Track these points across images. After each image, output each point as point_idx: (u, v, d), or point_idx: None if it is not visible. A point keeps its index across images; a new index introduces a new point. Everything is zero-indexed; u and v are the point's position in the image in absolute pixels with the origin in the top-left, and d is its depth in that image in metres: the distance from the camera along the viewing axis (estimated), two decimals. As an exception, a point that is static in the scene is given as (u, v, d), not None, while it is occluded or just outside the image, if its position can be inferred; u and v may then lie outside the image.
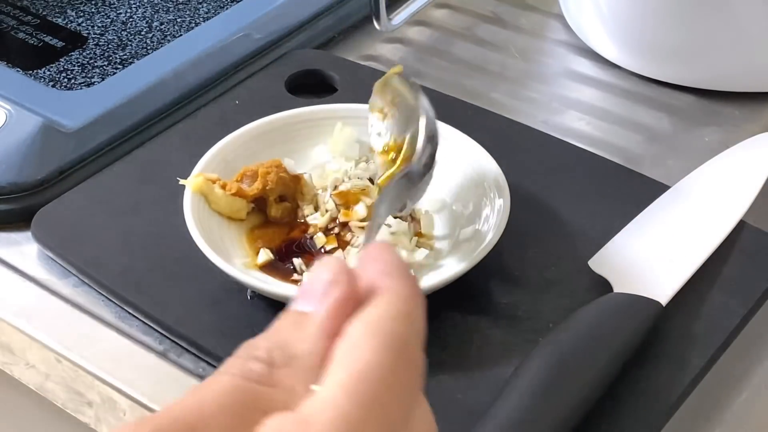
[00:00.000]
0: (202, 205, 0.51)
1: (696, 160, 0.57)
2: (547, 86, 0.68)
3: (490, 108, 0.63)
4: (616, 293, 0.49)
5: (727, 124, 0.64)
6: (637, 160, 0.61)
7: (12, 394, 0.57)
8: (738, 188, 0.55)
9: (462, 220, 0.53)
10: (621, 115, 0.65)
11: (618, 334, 0.46)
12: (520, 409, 0.42)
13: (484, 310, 0.49)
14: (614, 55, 0.69)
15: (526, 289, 0.50)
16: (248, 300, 0.49)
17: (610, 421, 0.44)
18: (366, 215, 0.51)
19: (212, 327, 0.48)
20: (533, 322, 0.48)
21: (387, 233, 0.50)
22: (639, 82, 0.67)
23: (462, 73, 0.69)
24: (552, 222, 0.54)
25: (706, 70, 0.66)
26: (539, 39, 0.72)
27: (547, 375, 0.43)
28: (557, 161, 0.58)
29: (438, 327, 0.48)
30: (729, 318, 0.49)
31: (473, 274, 0.49)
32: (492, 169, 0.53)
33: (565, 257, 0.52)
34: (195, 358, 0.49)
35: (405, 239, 0.50)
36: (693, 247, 0.51)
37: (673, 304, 0.48)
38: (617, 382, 0.45)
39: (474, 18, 0.74)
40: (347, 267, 0.29)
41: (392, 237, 0.50)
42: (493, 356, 0.47)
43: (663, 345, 0.47)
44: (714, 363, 0.48)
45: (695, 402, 0.47)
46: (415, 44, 0.72)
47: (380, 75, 0.51)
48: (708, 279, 0.50)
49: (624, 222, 0.53)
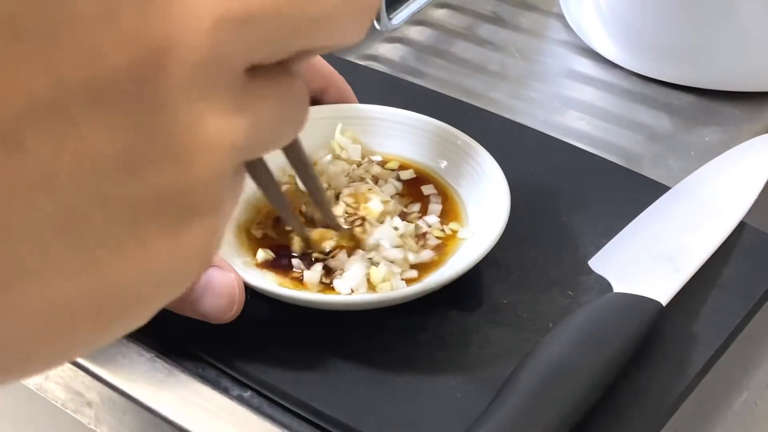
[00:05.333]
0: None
1: (696, 160, 0.57)
2: (547, 86, 0.68)
3: (490, 108, 0.63)
4: (616, 293, 0.49)
5: (727, 124, 0.64)
6: (637, 159, 0.61)
7: (12, 394, 0.57)
8: (739, 189, 0.55)
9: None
10: (621, 115, 0.65)
11: (618, 334, 0.46)
12: (519, 408, 0.42)
13: (484, 310, 0.49)
14: (614, 54, 0.69)
15: (526, 289, 0.50)
16: (247, 299, 0.49)
17: (610, 421, 0.44)
18: (382, 210, 0.51)
19: (212, 327, 0.48)
20: (533, 322, 0.48)
21: (395, 235, 0.50)
22: (639, 81, 0.67)
23: (462, 73, 0.69)
24: (552, 222, 0.54)
25: (707, 70, 0.66)
26: (539, 39, 0.72)
27: (547, 375, 0.43)
28: (557, 161, 0.58)
29: (438, 327, 0.48)
30: (729, 318, 0.49)
31: (473, 274, 0.49)
32: (492, 169, 0.53)
33: (565, 257, 0.52)
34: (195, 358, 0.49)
35: (411, 241, 0.51)
36: (693, 247, 0.51)
37: (673, 304, 0.48)
38: (617, 382, 0.45)
39: (474, 18, 0.74)
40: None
41: (400, 239, 0.50)
42: (493, 356, 0.47)
43: (663, 345, 0.47)
44: (714, 363, 0.48)
45: (695, 402, 0.47)
46: (415, 44, 0.72)
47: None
48: (708, 279, 0.50)
49: (624, 222, 0.53)
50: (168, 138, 0.22)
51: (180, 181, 0.22)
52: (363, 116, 0.56)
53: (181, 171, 0.22)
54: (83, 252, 0.21)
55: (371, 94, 0.59)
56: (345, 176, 0.54)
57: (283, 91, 0.25)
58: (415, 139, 0.56)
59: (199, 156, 0.22)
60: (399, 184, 0.55)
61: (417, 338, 0.48)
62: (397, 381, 0.46)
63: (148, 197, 0.22)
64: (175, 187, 0.22)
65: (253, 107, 0.23)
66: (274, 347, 0.47)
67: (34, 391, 0.53)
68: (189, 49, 0.21)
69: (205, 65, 0.22)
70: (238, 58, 0.22)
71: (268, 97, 0.24)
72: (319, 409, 0.45)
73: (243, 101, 0.23)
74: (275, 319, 0.49)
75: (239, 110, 0.23)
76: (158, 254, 0.22)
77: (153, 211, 0.22)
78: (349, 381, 0.46)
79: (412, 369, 0.46)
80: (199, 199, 0.22)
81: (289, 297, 0.47)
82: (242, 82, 0.23)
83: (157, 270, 0.22)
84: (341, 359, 0.47)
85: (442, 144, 0.55)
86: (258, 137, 0.24)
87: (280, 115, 0.25)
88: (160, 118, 0.21)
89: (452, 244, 0.51)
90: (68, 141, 0.20)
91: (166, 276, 0.23)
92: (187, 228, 0.22)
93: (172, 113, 0.21)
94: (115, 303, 0.22)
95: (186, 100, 0.22)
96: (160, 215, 0.22)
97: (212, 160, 0.22)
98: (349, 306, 0.48)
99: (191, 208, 0.22)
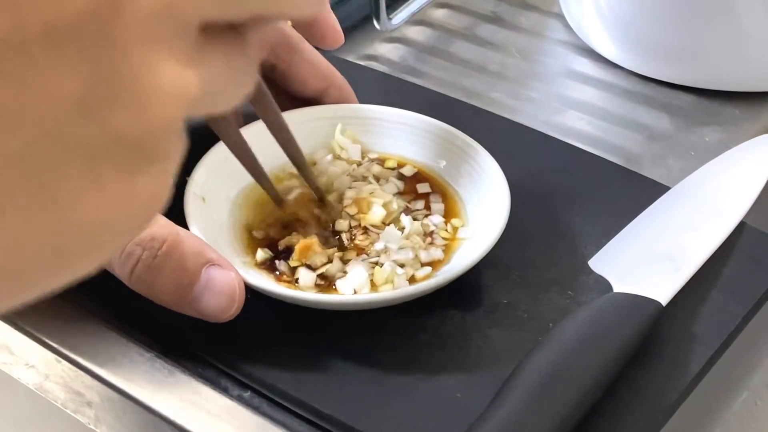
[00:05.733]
0: (201, 205, 0.51)
1: (696, 160, 0.57)
2: (547, 86, 0.68)
3: (490, 108, 0.63)
4: (616, 293, 0.49)
5: (727, 124, 0.64)
6: (637, 159, 0.61)
7: (12, 394, 0.57)
8: (739, 189, 0.55)
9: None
10: (621, 115, 0.65)
11: (618, 334, 0.46)
12: (519, 408, 0.42)
13: (484, 310, 0.49)
14: (614, 54, 0.69)
15: (526, 289, 0.50)
16: (246, 299, 0.49)
17: (610, 421, 0.44)
18: (384, 215, 0.51)
19: (212, 327, 0.48)
20: (533, 322, 0.48)
21: (400, 237, 0.50)
22: (639, 81, 0.67)
23: (462, 73, 0.69)
24: (552, 222, 0.54)
25: (706, 70, 0.66)
26: (539, 39, 0.72)
27: (547, 375, 0.43)
28: (557, 161, 0.58)
29: (438, 327, 0.48)
30: (729, 318, 0.49)
31: (473, 274, 0.49)
32: (492, 169, 0.53)
33: (565, 257, 0.52)
34: (195, 358, 0.49)
35: (419, 239, 0.51)
36: (693, 247, 0.51)
37: (673, 304, 0.48)
38: (617, 382, 0.45)
39: (474, 18, 0.74)
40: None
41: (406, 240, 0.50)
42: (493, 356, 0.47)
43: (663, 345, 0.47)
44: (714, 363, 0.48)
45: (695, 402, 0.47)
46: (415, 44, 0.72)
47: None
48: (708, 279, 0.50)
49: (624, 222, 0.53)
50: (124, 82, 0.22)
51: (135, 125, 0.23)
52: (363, 116, 0.56)
53: (136, 115, 0.23)
54: (43, 192, 0.22)
55: (371, 94, 0.59)
56: (347, 176, 0.54)
57: (234, 54, 0.26)
58: (415, 139, 0.56)
59: (153, 102, 0.23)
60: (401, 183, 0.55)
61: (417, 338, 0.48)
62: (397, 381, 0.46)
63: (105, 140, 0.23)
64: (131, 131, 0.23)
65: (205, 63, 0.24)
66: (274, 347, 0.47)
67: (34, 391, 0.53)
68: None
69: (160, 15, 0.23)
70: (191, 11, 0.23)
71: (218, 56, 0.25)
72: (319, 409, 0.45)
73: (195, 56, 0.24)
74: (275, 319, 0.49)
75: (191, 63, 0.24)
76: (114, 197, 0.23)
77: (110, 155, 0.23)
78: (349, 381, 0.46)
79: (412, 369, 0.46)
80: (153, 145, 0.23)
81: (289, 297, 0.47)
82: (195, 37, 0.24)
83: (113, 213, 0.23)
84: (341, 359, 0.47)
85: (442, 144, 0.55)
86: (208, 92, 0.25)
87: (230, 76, 0.26)
88: (117, 62, 0.22)
89: (453, 244, 0.52)
90: (30, 81, 0.21)
91: (121, 219, 0.24)
92: (141, 173, 0.23)
93: (128, 58, 0.22)
94: (72, 243, 0.23)
95: (141, 47, 0.23)
96: (116, 159, 0.23)
97: (165, 108, 0.23)
98: (349, 306, 0.48)
99: (146, 152, 0.23)
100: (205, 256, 0.47)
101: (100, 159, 0.23)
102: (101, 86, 0.22)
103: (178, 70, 0.23)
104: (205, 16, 0.24)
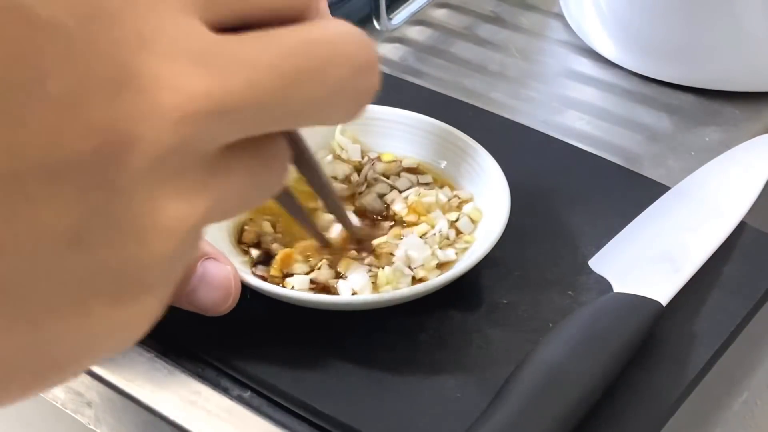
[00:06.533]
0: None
1: (696, 160, 0.57)
2: (547, 86, 0.68)
3: (490, 108, 0.63)
4: (616, 293, 0.49)
5: (727, 124, 0.64)
6: (637, 159, 0.61)
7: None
8: (739, 189, 0.55)
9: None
10: (621, 115, 0.65)
11: (618, 334, 0.46)
12: (519, 408, 0.42)
13: (484, 310, 0.49)
14: (614, 54, 0.69)
15: (526, 289, 0.50)
16: (246, 299, 0.49)
17: (610, 421, 0.44)
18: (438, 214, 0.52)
19: (212, 327, 0.48)
20: (533, 322, 0.48)
21: (421, 244, 0.50)
22: (639, 82, 0.67)
23: (462, 73, 0.69)
24: (552, 222, 0.54)
25: (706, 70, 0.66)
26: (539, 39, 0.72)
27: (547, 375, 0.43)
28: (557, 161, 0.58)
29: (438, 327, 0.48)
30: (729, 318, 0.49)
31: (473, 274, 0.49)
32: (492, 169, 0.53)
33: (565, 257, 0.52)
34: (195, 358, 0.49)
35: (443, 239, 0.51)
36: (693, 247, 0.51)
37: (673, 304, 0.48)
38: (617, 383, 0.45)
39: (474, 18, 0.74)
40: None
41: (427, 246, 0.50)
42: (493, 356, 0.47)
43: (663, 345, 0.47)
44: (714, 363, 0.48)
45: (695, 402, 0.47)
46: (415, 44, 0.72)
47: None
48: (708, 279, 0.50)
49: (624, 222, 0.53)
50: (123, 221, 0.22)
51: (132, 260, 0.22)
52: (363, 116, 0.56)
53: (134, 251, 0.22)
54: (22, 314, 0.21)
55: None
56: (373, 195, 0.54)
57: (259, 159, 0.24)
58: (415, 139, 0.56)
59: (154, 238, 0.22)
60: (413, 177, 0.55)
61: (417, 338, 0.48)
62: (397, 381, 0.46)
63: (96, 273, 0.22)
64: (127, 265, 0.22)
65: (219, 184, 0.23)
66: (274, 347, 0.47)
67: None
68: (152, 143, 0.21)
69: (168, 156, 0.22)
70: (207, 145, 0.22)
71: (239, 168, 0.24)
72: (319, 409, 0.45)
73: (208, 179, 0.23)
74: (275, 319, 0.49)
75: (202, 190, 0.23)
76: (99, 324, 0.22)
77: (100, 286, 0.22)
78: (349, 381, 0.46)
79: (412, 369, 0.46)
80: (151, 276, 0.22)
81: (289, 297, 0.47)
82: (210, 161, 0.23)
83: (96, 337, 0.23)
84: (341, 359, 0.47)
85: (442, 144, 0.55)
86: (223, 209, 0.24)
87: (252, 184, 0.24)
88: (116, 202, 0.21)
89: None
90: (20, 214, 0.20)
91: (105, 341, 0.23)
92: (132, 303, 0.23)
93: (129, 198, 0.22)
94: (50, 361, 0.22)
95: (145, 187, 0.22)
96: (106, 290, 0.22)
97: (165, 243, 0.22)
98: (349, 306, 0.48)
99: (138, 284, 0.22)
100: (201, 249, 0.46)
101: (88, 289, 0.22)
102: (98, 224, 0.21)
103: (184, 203, 0.22)
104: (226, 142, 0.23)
